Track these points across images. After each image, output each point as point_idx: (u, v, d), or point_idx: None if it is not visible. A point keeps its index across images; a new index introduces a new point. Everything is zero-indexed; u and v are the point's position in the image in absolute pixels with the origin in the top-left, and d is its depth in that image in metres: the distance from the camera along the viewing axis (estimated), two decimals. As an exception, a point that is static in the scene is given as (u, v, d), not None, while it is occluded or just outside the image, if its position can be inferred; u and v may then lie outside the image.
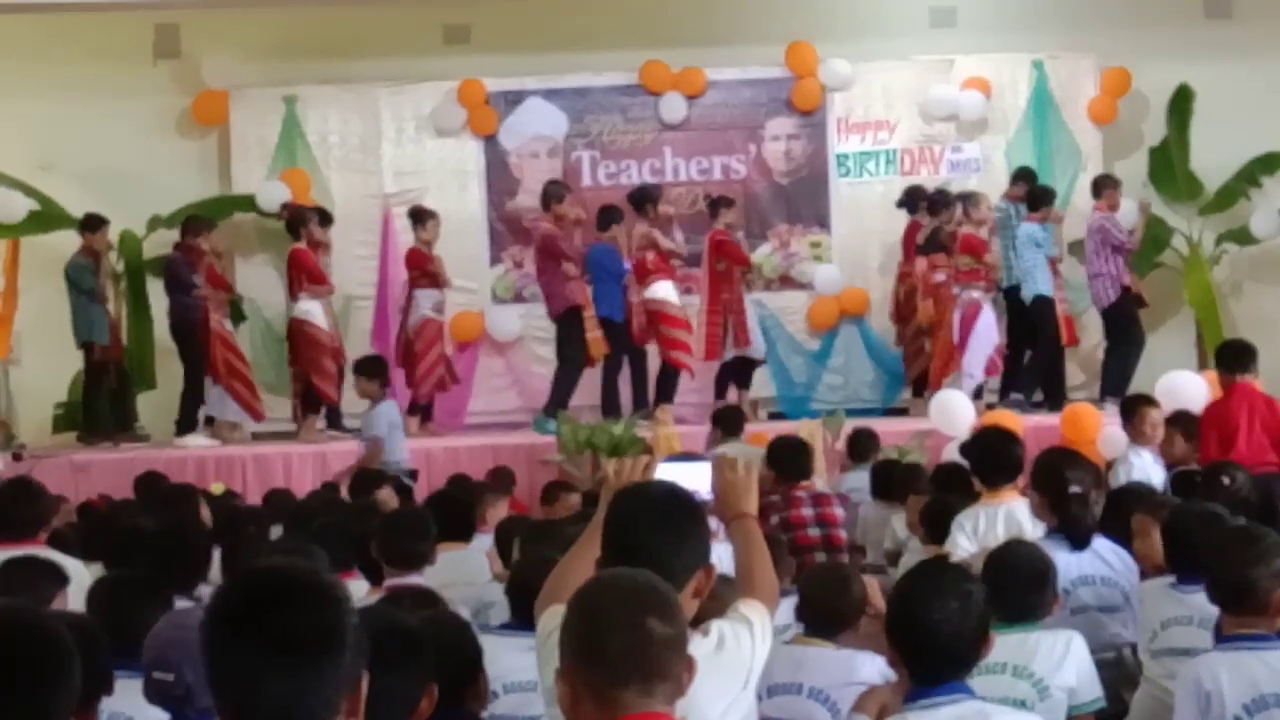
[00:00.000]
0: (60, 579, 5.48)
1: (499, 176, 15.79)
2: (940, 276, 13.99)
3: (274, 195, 15.21)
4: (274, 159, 15.58)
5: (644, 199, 14.23)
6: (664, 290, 13.96)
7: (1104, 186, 14.31)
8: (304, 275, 13.77)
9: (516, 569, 5.62)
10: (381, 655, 3.63)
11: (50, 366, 14.85)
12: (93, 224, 14.12)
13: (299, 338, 13.87)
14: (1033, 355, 14.17)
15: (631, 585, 3.09)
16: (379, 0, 14.77)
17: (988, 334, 13.80)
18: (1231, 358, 10.06)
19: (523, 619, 4.85)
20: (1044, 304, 13.93)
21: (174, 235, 14.98)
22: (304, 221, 14.05)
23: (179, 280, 13.86)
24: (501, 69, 15.65)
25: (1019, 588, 5.33)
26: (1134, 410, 9.96)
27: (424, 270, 14.03)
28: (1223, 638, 4.94)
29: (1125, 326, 14.13)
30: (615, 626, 2.99)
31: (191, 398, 14.00)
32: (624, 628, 2.98)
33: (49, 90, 15.18)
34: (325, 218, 14.45)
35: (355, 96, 15.74)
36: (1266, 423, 9.82)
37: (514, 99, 15.77)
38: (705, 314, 14.20)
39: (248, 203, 15.29)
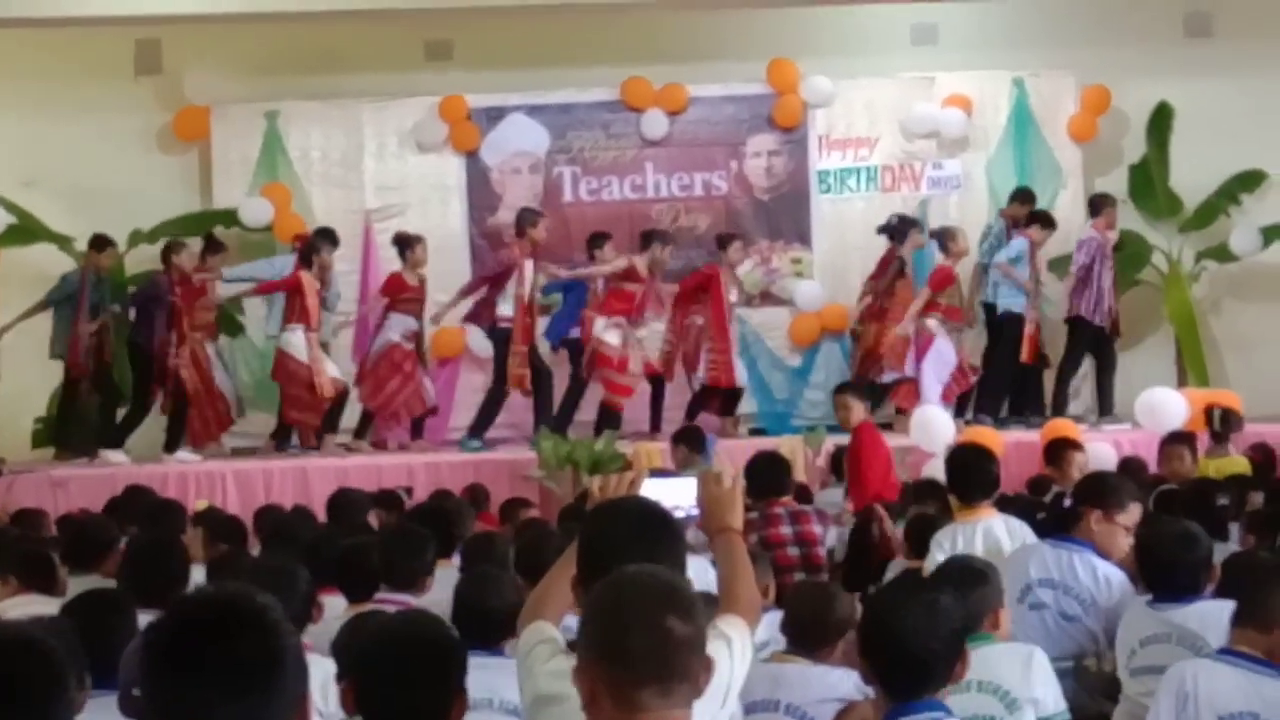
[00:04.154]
0: None
1: (480, 192, 15.78)
2: (869, 299, 14.27)
3: (255, 210, 15.21)
4: (255, 174, 15.55)
5: (653, 237, 14.20)
6: (599, 327, 13.89)
7: (1103, 205, 14.35)
8: (299, 303, 13.68)
9: (456, 592, 5.57)
10: (414, 666, 3.74)
11: (29, 381, 14.78)
12: (100, 244, 14.14)
13: (280, 370, 13.83)
14: (995, 371, 14.23)
15: (652, 583, 3.05)
16: (361, 16, 14.74)
17: (940, 361, 13.90)
18: (862, 392, 11.53)
19: (471, 641, 4.80)
20: (1013, 320, 14.02)
21: (155, 251, 14.94)
22: (316, 250, 13.96)
23: (148, 313, 13.81)
24: (483, 85, 15.65)
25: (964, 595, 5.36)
26: (1062, 455, 9.95)
27: (400, 295, 14.02)
28: (1223, 649, 5.00)
29: (1076, 344, 14.19)
30: (636, 625, 2.95)
31: (133, 417, 13.97)
32: (645, 627, 2.95)
33: (30, 106, 15.18)
34: (334, 239, 14.33)
35: (337, 112, 15.73)
36: (889, 453, 11.07)
37: (496, 115, 15.77)
38: (716, 341, 14.12)
39: (229, 218, 15.25)
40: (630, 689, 2.94)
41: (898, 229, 14.34)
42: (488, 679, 4.52)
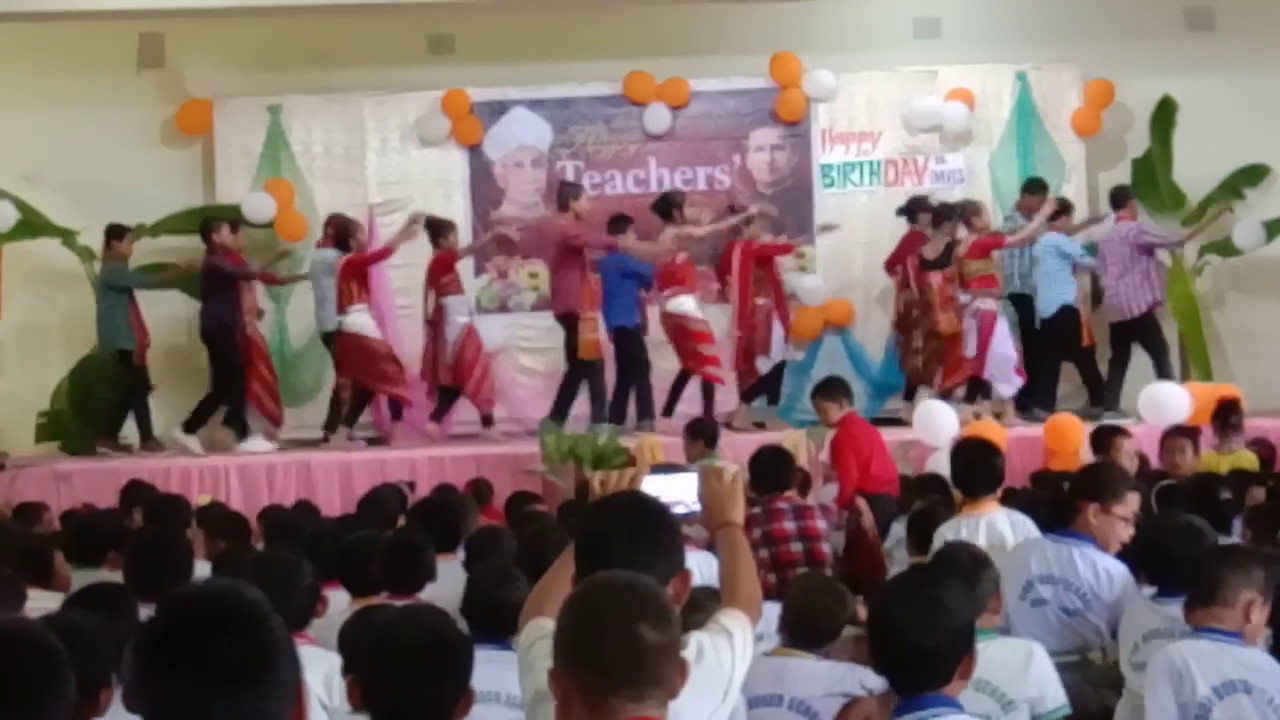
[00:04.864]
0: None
1: (483, 186, 15.78)
2: (951, 291, 14.06)
3: (258, 206, 15.21)
4: (258, 169, 15.56)
5: (669, 205, 14.19)
6: (688, 304, 13.92)
7: (1126, 197, 14.40)
8: (355, 284, 13.73)
9: (470, 585, 5.58)
10: (421, 661, 3.76)
11: (33, 376, 14.82)
12: (119, 232, 14.22)
13: (355, 352, 13.81)
14: (1046, 363, 14.23)
15: (626, 590, 3.10)
16: (364, 10, 14.74)
17: (1005, 344, 13.87)
18: (836, 391, 11.18)
19: (481, 634, 4.82)
20: (1069, 314, 14.00)
21: (158, 244, 14.99)
22: (352, 233, 14.01)
23: (222, 277, 13.86)
24: (486, 79, 15.65)
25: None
26: (1109, 441, 9.95)
27: (453, 275, 13.98)
28: (1197, 628, 5.13)
29: (1153, 337, 14.16)
30: (609, 632, 3.00)
31: (238, 403, 14.07)
32: (618, 633, 2.99)
33: (33, 100, 15.16)
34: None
35: (340, 106, 15.74)
36: (881, 447, 10.99)
37: (498, 109, 15.78)
38: (736, 328, 14.22)
39: (232, 212, 15.19)
40: (603, 695, 2.99)
41: (936, 213, 14.26)
42: (496, 672, 4.53)
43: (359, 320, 13.74)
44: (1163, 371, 13.89)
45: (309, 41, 15.40)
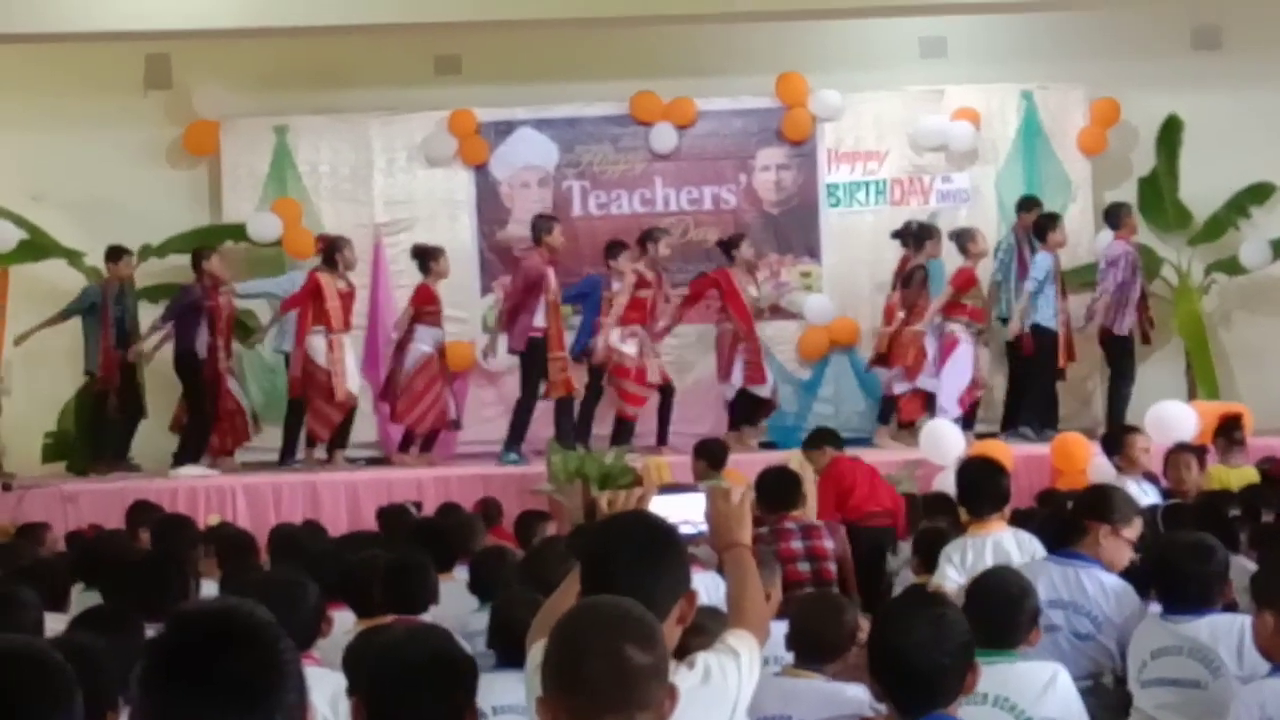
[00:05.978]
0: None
1: (490, 206, 15.79)
2: (902, 314, 14.13)
3: (265, 225, 15.22)
4: (265, 189, 15.56)
5: (645, 237, 14.26)
6: (614, 338, 13.96)
7: (1123, 215, 14.36)
8: (313, 308, 13.74)
9: (495, 610, 5.57)
10: (423, 681, 3.76)
11: (39, 396, 14.84)
12: (116, 254, 14.25)
13: (304, 374, 13.84)
14: (1032, 386, 14.20)
15: (611, 613, 3.08)
16: (370, 30, 14.74)
17: (961, 369, 13.86)
18: (819, 441, 11.39)
19: (509, 659, 4.82)
20: (1042, 334, 13.97)
21: (164, 264, 15.01)
22: (339, 248, 14.00)
23: (188, 322, 13.83)
24: (492, 99, 15.67)
25: (992, 611, 5.30)
26: (1121, 439, 9.96)
27: (428, 308, 14.00)
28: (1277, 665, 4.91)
29: (1124, 359, 14.17)
30: (594, 654, 2.98)
31: (194, 430, 14.00)
32: (603, 655, 2.97)
33: (40, 120, 15.20)
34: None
35: (346, 126, 15.75)
36: (875, 481, 10.77)
37: (505, 129, 15.79)
38: (747, 341, 14.31)
39: (239, 232, 15.27)
40: (590, 718, 2.96)
41: (915, 235, 14.32)
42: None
43: (310, 342, 13.76)
44: (1118, 395, 13.93)
45: (315, 62, 15.42)
